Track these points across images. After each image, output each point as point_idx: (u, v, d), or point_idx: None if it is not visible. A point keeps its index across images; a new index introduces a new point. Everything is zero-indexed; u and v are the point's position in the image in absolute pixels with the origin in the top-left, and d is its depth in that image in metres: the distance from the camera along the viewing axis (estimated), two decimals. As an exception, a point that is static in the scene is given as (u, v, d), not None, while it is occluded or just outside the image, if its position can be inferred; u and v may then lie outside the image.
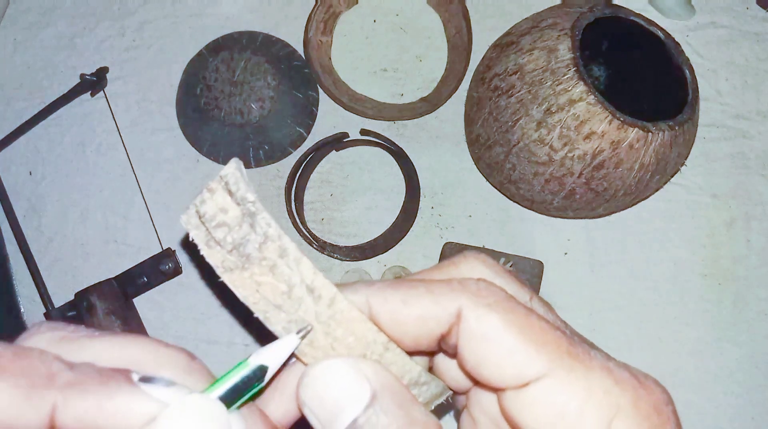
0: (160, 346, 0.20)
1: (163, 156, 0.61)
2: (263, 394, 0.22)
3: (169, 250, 0.58)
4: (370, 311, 0.20)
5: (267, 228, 0.19)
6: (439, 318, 0.20)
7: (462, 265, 0.22)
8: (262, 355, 0.20)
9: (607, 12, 0.47)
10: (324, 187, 0.60)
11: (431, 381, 0.22)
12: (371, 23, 0.63)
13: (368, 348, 0.20)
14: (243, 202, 0.19)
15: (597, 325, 0.57)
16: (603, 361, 0.19)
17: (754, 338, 0.56)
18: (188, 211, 0.20)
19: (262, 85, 0.59)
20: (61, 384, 0.17)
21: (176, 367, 0.19)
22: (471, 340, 0.20)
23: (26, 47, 0.64)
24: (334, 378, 0.19)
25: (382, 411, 0.19)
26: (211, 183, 0.20)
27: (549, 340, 0.19)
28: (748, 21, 0.62)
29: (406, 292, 0.20)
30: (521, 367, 0.19)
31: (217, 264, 0.20)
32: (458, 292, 0.20)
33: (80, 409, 0.17)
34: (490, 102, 0.49)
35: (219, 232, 0.20)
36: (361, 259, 0.58)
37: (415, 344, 0.21)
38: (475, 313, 0.20)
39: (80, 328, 0.20)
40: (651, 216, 0.59)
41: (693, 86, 0.47)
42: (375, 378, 0.20)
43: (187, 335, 0.58)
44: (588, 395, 0.18)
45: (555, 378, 0.19)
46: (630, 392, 0.19)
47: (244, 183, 0.20)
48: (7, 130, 0.60)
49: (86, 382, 0.17)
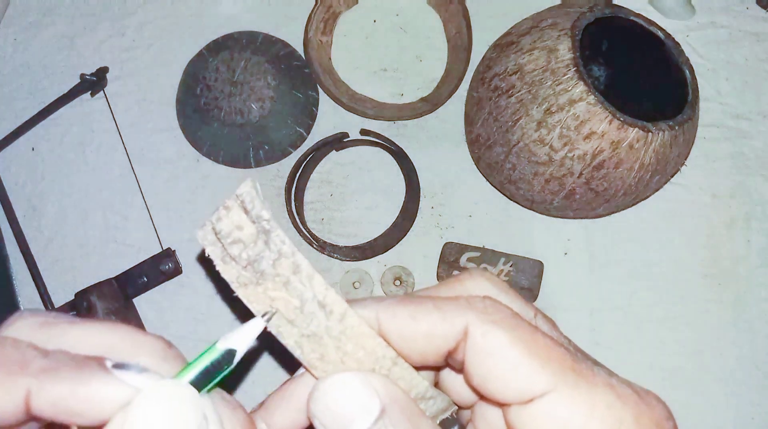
0: (137, 334, 0.20)
1: (163, 156, 0.61)
2: (270, 403, 0.23)
3: (169, 250, 0.58)
4: (379, 327, 0.21)
5: (281, 245, 0.20)
6: (447, 334, 0.20)
7: (468, 282, 0.23)
8: (230, 339, 0.21)
9: (607, 12, 0.47)
10: (324, 187, 0.60)
11: (437, 396, 0.22)
12: (371, 23, 0.63)
13: (377, 363, 0.21)
14: (258, 219, 0.20)
15: (597, 325, 0.57)
16: (606, 378, 0.20)
17: (754, 338, 0.56)
18: (204, 228, 0.21)
19: (262, 85, 0.59)
20: (34, 370, 0.18)
21: (153, 354, 0.20)
22: (477, 355, 0.20)
23: (26, 47, 0.64)
24: (344, 391, 0.20)
25: (392, 424, 0.19)
26: (227, 201, 0.20)
27: (554, 357, 0.20)
28: (748, 21, 0.62)
29: (414, 309, 0.21)
30: (526, 383, 0.19)
31: (232, 279, 0.21)
32: (465, 309, 0.20)
33: (54, 394, 0.18)
34: (490, 102, 0.49)
35: (234, 248, 0.20)
36: (361, 259, 0.58)
37: (423, 359, 0.21)
38: (481, 330, 0.20)
39: (61, 315, 0.20)
40: (651, 216, 0.59)
41: (693, 86, 0.47)
42: (384, 392, 0.20)
43: (187, 335, 0.58)
44: (591, 410, 0.19)
45: (559, 393, 0.19)
46: (632, 408, 0.19)
47: (259, 201, 0.20)
48: (7, 130, 0.60)
49: (60, 368, 0.18)
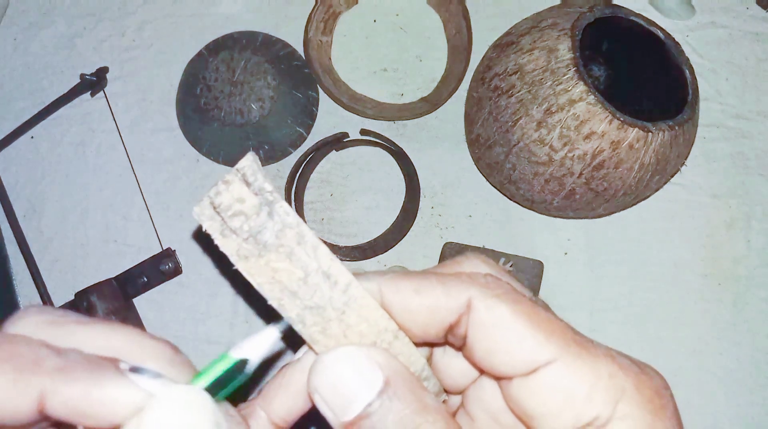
0: (145, 338, 0.20)
1: (163, 156, 0.61)
2: (268, 391, 0.22)
3: (169, 250, 0.58)
4: (382, 299, 0.21)
5: (285, 216, 0.20)
6: (450, 308, 0.21)
7: (465, 263, 0.23)
8: (243, 348, 0.20)
9: (607, 12, 0.47)
10: (324, 187, 0.60)
11: (431, 377, 0.22)
12: (371, 23, 0.63)
13: (379, 336, 0.21)
14: (261, 191, 0.20)
15: (597, 325, 0.57)
16: (606, 349, 0.20)
17: (754, 338, 0.56)
18: (201, 203, 0.20)
19: (262, 85, 0.59)
20: (48, 369, 0.17)
21: (161, 358, 0.20)
22: (481, 329, 0.20)
23: (26, 47, 0.64)
24: (347, 365, 0.20)
25: (396, 397, 0.19)
26: (226, 175, 0.20)
27: (556, 329, 0.20)
28: (748, 21, 0.62)
29: (418, 282, 0.21)
30: (531, 354, 0.20)
31: (231, 252, 0.20)
32: (468, 284, 0.21)
33: (68, 395, 0.17)
34: (490, 102, 0.49)
35: (235, 221, 0.20)
36: (361, 259, 0.58)
37: (424, 333, 0.21)
38: (484, 304, 0.20)
39: (69, 313, 0.20)
40: (651, 216, 0.59)
41: (693, 86, 0.47)
42: (387, 365, 0.20)
43: (187, 335, 0.58)
44: (595, 379, 0.19)
45: (563, 363, 0.19)
46: (633, 377, 0.20)
47: (261, 174, 0.20)
48: (7, 130, 0.60)
49: (74, 368, 0.18)
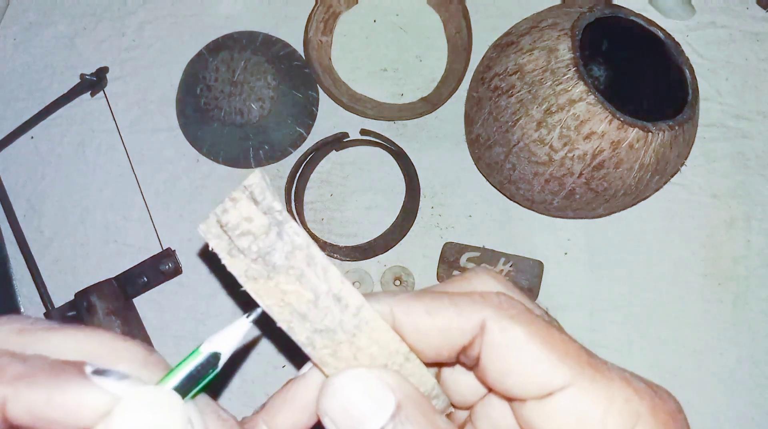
0: (117, 340, 0.20)
1: (163, 156, 0.61)
2: (272, 405, 0.22)
3: (169, 250, 0.58)
4: (393, 321, 0.21)
5: (295, 236, 0.19)
6: (463, 329, 0.20)
7: (474, 280, 0.23)
8: (214, 342, 0.20)
9: (607, 12, 0.47)
10: (324, 187, 0.60)
11: (440, 395, 0.22)
12: (371, 23, 0.63)
13: (390, 358, 0.20)
14: (270, 211, 0.19)
15: (597, 325, 0.57)
16: (621, 372, 0.20)
17: (754, 338, 0.56)
18: (207, 221, 0.20)
19: (262, 85, 0.59)
20: (9, 376, 0.17)
21: (133, 360, 0.19)
22: (495, 350, 0.20)
23: (26, 47, 0.64)
24: (358, 387, 0.20)
25: (408, 420, 0.19)
26: (233, 193, 0.20)
27: (570, 351, 0.20)
28: (748, 21, 0.62)
29: (430, 303, 0.21)
30: (546, 377, 0.19)
31: (240, 273, 0.20)
32: (481, 305, 0.20)
33: (30, 402, 0.17)
34: (490, 102, 0.49)
35: (243, 240, 0.19)
36: (361, 259, 0.58)
37: (436, 355, 0.21)
38: (499, 325, 0.20)
39: (39, 321, 0.20)
40: (651, 216, 0.59)
41: (693, 86, 0.47)
42: (398, 388, 0.20)
43: (187, 335, 0.58)
44: (610, 403, 0.19)
45: (578, 387, 0.19)
46: (648, 401, 0.19)
47: (270, 192, 0.20)
48: (7, 130, 0.60)
49: (36, 374, 0.17)
